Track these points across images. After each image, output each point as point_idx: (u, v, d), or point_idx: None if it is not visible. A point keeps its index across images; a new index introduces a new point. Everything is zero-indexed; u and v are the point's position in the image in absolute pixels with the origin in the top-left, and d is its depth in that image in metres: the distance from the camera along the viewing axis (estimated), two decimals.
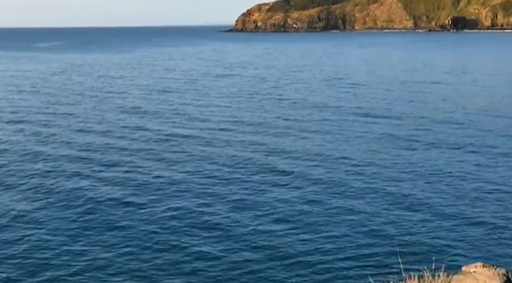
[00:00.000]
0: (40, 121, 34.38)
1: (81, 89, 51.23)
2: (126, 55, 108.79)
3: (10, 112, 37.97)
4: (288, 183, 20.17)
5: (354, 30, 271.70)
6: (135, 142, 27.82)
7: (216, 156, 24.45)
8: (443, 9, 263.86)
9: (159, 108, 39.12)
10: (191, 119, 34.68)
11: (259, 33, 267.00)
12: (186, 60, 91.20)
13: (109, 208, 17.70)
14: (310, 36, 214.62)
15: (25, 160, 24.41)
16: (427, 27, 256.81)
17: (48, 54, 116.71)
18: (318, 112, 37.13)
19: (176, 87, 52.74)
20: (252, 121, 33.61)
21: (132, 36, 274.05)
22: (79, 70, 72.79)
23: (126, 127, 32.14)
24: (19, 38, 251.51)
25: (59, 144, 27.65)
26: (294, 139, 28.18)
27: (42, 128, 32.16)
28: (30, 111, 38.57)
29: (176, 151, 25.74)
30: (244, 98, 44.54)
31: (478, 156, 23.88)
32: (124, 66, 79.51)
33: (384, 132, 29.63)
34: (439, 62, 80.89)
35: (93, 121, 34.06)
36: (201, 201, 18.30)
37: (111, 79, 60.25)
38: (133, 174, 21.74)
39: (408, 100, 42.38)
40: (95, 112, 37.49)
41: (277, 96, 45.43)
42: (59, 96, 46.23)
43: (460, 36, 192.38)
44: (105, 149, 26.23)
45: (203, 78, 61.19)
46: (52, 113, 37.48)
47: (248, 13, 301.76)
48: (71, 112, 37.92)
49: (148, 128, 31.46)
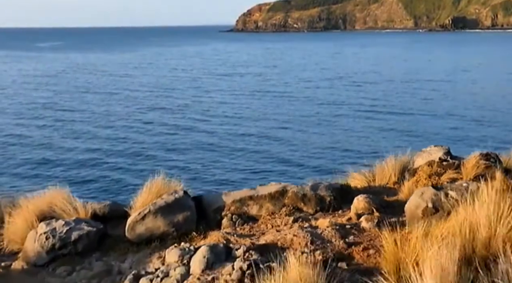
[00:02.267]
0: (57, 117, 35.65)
1: (87, 87, 52.15)
2: (127, 54, 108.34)
3: (27, 109, 38.91)
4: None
5: (355, 30, 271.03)
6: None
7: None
8: (443, 9, 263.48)
9: (164, 105, 40.10)
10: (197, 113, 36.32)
11: (260, 33, 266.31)
12: (188, 60, 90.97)
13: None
14: (311, 36, 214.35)
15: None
16: (427, 27, 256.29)
17: (50, 53, 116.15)
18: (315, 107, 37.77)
19: (178, 85, 52.96)
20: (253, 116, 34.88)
21: (132, 36, 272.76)
22: (82, 69, 72.73)
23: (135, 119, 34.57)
24: (19, 38, 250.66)
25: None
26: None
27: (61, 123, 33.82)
28: (44, 107, 39.71)
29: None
30: (245, 96, 44.76)
31: None
32: (126, 65, 79.34)
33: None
34: (440, 61, 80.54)
35: (97, 118, 35.56)
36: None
37: (117, 78, 60.63)
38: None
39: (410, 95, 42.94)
40: (99, 109, 38.56)
41: (278, 94, 45.43)
42: (71, 93, 47.38)
43: (460, 36, 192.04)
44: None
45: (205, 77, 61.14)
46: (69, 110, 38.69)
47: (248, 13, 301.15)
48: (77, 107, 39.48)
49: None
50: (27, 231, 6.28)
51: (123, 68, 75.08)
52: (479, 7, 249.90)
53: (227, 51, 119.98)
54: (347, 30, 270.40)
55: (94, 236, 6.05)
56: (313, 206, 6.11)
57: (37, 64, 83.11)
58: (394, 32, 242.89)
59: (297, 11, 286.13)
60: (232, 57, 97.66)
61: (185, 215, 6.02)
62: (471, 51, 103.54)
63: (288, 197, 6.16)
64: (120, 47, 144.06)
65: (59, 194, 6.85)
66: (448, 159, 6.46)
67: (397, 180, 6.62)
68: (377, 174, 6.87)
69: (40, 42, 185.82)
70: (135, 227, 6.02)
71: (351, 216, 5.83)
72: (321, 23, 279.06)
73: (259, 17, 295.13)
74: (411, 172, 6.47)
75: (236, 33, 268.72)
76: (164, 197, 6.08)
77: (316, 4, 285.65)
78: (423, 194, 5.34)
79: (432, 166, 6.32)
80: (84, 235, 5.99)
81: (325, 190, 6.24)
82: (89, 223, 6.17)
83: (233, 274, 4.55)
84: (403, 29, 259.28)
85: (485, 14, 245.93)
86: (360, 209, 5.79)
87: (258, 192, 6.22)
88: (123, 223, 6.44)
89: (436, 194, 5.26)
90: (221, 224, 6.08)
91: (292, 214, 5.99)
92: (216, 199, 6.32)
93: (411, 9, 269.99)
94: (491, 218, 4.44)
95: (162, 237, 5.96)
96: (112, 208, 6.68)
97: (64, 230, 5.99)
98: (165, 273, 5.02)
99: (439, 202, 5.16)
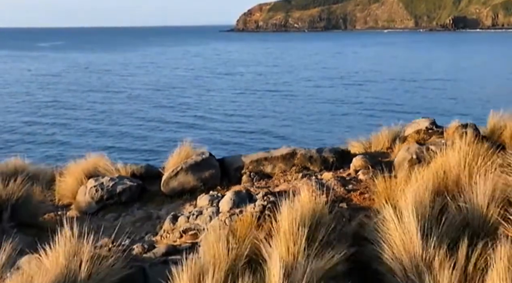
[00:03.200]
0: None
1: (90, 85, 53.55)
2: (128, 54, 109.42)
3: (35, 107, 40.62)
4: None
5: (355, 30, 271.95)
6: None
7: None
8: (444, 8, 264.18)
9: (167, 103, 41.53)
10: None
11: (260, 32, 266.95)
12: (189, 59, 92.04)
13: None
14: (312, 36, 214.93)
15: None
16: (428, 27, 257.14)
17: (52, 53, 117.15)
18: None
19: (180, 83, 54.11)
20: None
21: (132, 36, 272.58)
22: (85, 68, 73.96)
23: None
24: (19, 38, 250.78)
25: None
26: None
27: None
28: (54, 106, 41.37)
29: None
30: (248, 94, 45.80)
31: None
32: (128, 64, 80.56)
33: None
34: (441, 60, 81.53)
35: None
36: None
37: (120, 76, 61.82)
38: None
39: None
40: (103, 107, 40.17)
41: (279, 93, 46.54)
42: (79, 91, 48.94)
43: (461, 35, 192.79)
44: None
45: (207, 76, 62.20)
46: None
47: (249, 13, 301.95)
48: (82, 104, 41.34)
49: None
50: (77, 187, 7.46)
51: (127, 67, 76.30)
52: (479, 7, 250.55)
53: (227, 50, 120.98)
54: (348, 30, 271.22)
55: (135, 190, 7.22)
56: (318, 165, 7.26)
57: (40, 64, 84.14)
58: (395, 32, 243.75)
59: (297, 11, 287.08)
60: (233, 56, 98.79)
61: (211, 172, 7.19)
62: (472, 51, 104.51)
63: (297, 158, 7.32)
64: (121, 47, 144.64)
65: (101, 158, 8.04)
66: (433, 127, 7.62)
67: (389, 146, 7.77)
68: (373, 142, 8.02)
69: (41, 42, 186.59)
70: (169, 182, 7.19)
71: (350, 172, 7.01)
72: (321, 23, 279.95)
73: (259, 17, 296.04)
74: (401, 139, 7.62)
75: (237, 33, 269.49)
76: (194, 157, 7.26)
77: (317, 4, 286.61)
78: (409, 148, 6.53)
79: (419, 133, 7.49)
80: (127, 188, 7.17)
81: (329, 152, 7.41)
82: (130, 179, 7.35)
83: (256, 208, 5.71)
84: (404, 29, 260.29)
85: (485, 14, 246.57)
86: (358, 166, 6.95)
87: (271, 154, 7.39)
88: (157, 181, 7.61)
89: (419, 148, 6.44)
90: (241, 180, 7.24)
91: (300, 172, 7.15)
92: (236, 160, 7.49)
93: (411, 9, 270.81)
94: (460, 162, 5.62)
95: (192, 191, 7.12)
96: (147, 169, 7.87)
97: (110, 184, 7.16)
98: (199, 212, 6.18)
99: (421, 155, 6.33)
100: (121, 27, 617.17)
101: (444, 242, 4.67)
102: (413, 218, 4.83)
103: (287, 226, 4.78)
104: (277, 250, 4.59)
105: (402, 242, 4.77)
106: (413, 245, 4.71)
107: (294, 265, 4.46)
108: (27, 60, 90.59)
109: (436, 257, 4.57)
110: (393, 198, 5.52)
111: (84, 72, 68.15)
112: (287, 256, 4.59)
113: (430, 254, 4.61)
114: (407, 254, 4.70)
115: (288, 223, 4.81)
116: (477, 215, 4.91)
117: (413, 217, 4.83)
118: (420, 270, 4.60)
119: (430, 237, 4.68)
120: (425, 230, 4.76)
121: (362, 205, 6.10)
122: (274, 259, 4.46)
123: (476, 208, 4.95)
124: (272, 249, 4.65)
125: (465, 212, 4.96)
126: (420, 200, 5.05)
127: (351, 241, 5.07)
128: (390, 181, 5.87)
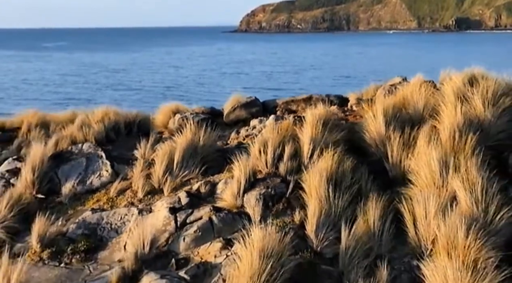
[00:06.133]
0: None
1: (98, 84, 56.76)
2: (133, 54, 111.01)
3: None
4: None
5: (358, 31, 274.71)
6: None
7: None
8: (447, 9, 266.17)
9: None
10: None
11: (264, 33, 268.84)
12: (193, 60, 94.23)
13: None
14: (315, 37, 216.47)
15: None
16: (431, 28, 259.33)
17: (58, 53, 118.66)
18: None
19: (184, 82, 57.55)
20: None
21: (135, 36, 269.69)
22: (90, 68, 76.35)
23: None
24: (24, 38, 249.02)
25: None
26: None
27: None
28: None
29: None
30: (250, 93, 49.52)
31: None
32: (132, 64, 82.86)
33: None
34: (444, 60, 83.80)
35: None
36: None
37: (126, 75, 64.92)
38: None
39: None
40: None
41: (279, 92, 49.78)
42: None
43: (464, 36, 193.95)
44: None
45: (211, 75, 65.17)
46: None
47: (252, 13, 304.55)
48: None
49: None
50: (167, 120, 11.27)
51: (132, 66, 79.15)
52: (482, 8, 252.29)
53: (232, 51, 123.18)
54: (351, 31, 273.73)
55: (207, 120, 11.02)
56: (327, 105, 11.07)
57: (47, 63, 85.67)
58: (398, 32, 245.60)
59: (300, 12, 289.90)
60: (237, 56, 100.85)
61: (256, 109, 11.04)
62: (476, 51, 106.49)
63: (312, 101, 11.13)
64: (126, 47, 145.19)
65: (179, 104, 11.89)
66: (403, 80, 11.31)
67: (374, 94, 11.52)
68: (364, 92, 11.75)
69: (45, 42, 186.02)
70: (229, 115, 11.02)
71: (348, 108, 10.84)
72: (324, 24, 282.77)
73: (262, 17, 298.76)
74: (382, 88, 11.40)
75: (240, 34, 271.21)
76: (245, 99, 11.10)
77: (320, 5, 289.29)
78: (384, 88, 10.32)
79: (394, 84, 11.23)
80: (201, 119, 10.98)
81: (334, 97, 11.26)
82: (203, 114, 11.18)
83: (290, 119, 9.55)
84: (407, 30, 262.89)
85: (488, 15, 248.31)
86: (353, 104, 10.77)
87: (296, 98, 11.24)
88: (218, 118, 11.42)
89: (390, 87, 10.22)
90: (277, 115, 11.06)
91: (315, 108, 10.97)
92: (273, 102, 11.37)
93: (414, 10, 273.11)
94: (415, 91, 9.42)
95: (244, 121, 10.93)
96: (212, 109, 11.70)
97: (191, 117, 10.97)
98: (253, 127, 10.01)
99: (392, 91, 10.09)
100: (123, 28, 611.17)
101: (397, 128, 8.51)
102: (381, 117, 8.66)
103: (311, 120, 8.61)
104: (306, 131, 8.43)
105: (375, 129, 8.60)
106: (380, 130, 8.54)
107: (316, 137, 8.29)
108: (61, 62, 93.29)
109: (392, 135, 8.40)
110: (371, 112, 9.33)
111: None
112: (312, 134, 8.40)
113: (389, 134, 8.44)
114: (377, 135, 8.54)
115: (312, 119, 8.64)
116: (416, 115, 8.76)
117: (382, 116, 8.66)
118: (384, 143, 8.43)
119: (391, 126, 8.51)
120: (387, 123, 8.58)
121: (355, 121, 9.93)
122: (305, 134, 8.30)
123: (416, 112, 8.80)
124: (303, 131, 8.48)
125: (410, 114, 8.81)
126: (386, 110, 8.88)
127: (346, 132, 8.89)
128: (371, 104, 9.67)
